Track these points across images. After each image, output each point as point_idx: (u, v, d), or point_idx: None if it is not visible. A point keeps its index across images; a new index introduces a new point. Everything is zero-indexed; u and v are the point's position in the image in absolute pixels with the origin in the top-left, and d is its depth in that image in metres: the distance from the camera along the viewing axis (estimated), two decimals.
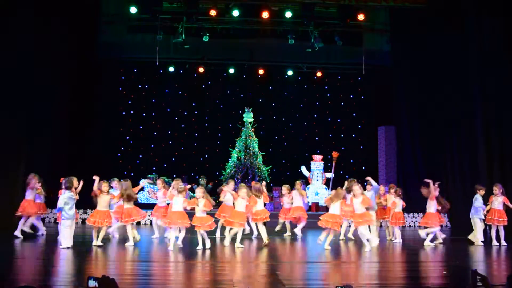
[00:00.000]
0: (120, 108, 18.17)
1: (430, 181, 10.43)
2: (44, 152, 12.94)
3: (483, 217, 10.71)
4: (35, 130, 12.60)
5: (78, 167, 14.42)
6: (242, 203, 9.70)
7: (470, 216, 10.83)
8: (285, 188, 11.76)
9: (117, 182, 10.84)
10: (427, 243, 10.41)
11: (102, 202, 9.74)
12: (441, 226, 11.21)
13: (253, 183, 11.22)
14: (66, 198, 9.11)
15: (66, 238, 9.11)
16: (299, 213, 11.42)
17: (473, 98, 12.82)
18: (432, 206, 10.44)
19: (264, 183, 11.73)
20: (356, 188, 9.65)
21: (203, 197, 9.30)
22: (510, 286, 3.33)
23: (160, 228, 10.89)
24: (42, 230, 11.12)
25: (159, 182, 11.08)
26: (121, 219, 9.93)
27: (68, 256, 8.58)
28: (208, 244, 9.32)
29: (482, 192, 10.72)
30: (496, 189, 10.67)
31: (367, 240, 9.57)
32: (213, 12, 15.12)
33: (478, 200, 10.71)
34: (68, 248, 8.99)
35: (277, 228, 12.05)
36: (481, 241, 10.68)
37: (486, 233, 11.19)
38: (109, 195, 9.88)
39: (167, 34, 15.99)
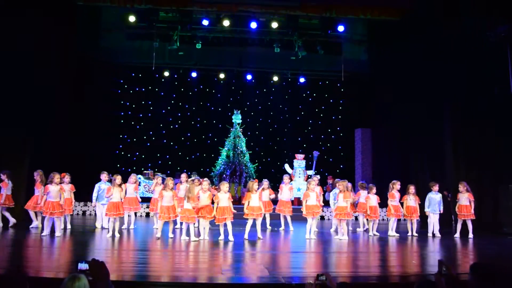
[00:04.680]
0: (117, 109, 18.05)
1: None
2: (44, 151, 12.36)
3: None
4: (36, 129, 12.27)
5: (71, 165, 14.14)
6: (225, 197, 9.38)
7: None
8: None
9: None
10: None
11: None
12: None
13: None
14: None
15: None
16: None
17: (443, 101, 12.83)
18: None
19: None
20: (341, 184, 10.12)
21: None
22: (472, 274, 3.48)
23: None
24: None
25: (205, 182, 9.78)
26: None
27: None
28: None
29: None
30: (461, 187, 10.90)
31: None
32: (205, 22, 15.19)
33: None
34: None
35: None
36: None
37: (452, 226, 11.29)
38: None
39: (163, 42, 16.03)
